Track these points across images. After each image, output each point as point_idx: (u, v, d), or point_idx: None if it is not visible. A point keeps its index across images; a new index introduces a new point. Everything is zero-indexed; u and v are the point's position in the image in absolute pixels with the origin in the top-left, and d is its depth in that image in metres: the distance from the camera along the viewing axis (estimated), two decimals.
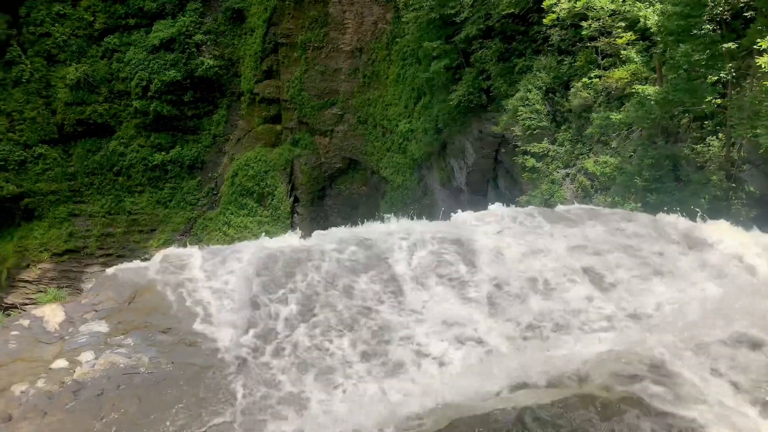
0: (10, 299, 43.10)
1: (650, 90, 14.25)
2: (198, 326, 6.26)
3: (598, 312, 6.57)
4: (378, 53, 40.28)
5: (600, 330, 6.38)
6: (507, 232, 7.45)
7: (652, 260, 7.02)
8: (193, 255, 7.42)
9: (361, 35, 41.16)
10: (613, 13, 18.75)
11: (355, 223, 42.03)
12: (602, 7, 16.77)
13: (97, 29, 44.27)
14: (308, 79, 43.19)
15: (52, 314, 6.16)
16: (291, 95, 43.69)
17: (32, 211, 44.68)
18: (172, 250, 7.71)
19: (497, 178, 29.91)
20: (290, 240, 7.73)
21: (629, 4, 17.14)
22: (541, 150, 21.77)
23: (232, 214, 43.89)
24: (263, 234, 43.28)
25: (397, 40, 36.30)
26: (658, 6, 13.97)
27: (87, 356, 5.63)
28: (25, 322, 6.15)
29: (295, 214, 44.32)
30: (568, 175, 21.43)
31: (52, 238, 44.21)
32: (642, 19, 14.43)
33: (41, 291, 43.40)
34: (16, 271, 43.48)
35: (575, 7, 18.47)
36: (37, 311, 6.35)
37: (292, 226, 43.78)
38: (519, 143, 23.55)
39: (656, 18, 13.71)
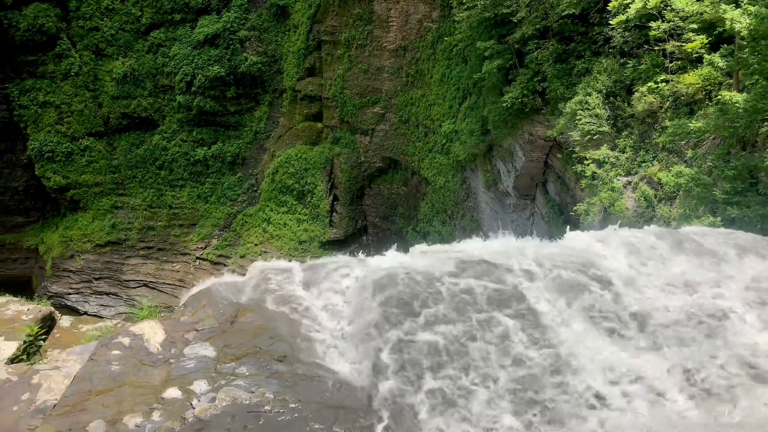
0: (55, 288, 43.99)
1: (738, 97, 13.41)
2: (316, 355, 5.69)
3: None
4: (422, 52, 39.70)
5: None
6: (636, 258, 6.76)
7: None
8: (292, 270, 6.97)
9: (406, 33, 40.64)
10: (686, 17, 17.82)
11: (393, 223, 41.18)
12: (682, 8, 15.88)
13: (144, 24, 44.79)
14: (351, 77, 42.89)
15: (151, 332, 5.79)
16: (333, 93, 43.45)
17: (77, 203, 45.51)
18: (268, 264, 7.29)
19: (546, 182, 29.08)
20: (395, 260, 7.10)
21: (707, 5, 16.21)
22: (601, 156, 20.89)
23: (271, 210, 43.93)
24: (303, 231, 43.09)
25: (445, 38, 35.60)
26: (750, 8, 13.12)
27: (201, 386, 5.20)
28: (125, 341, 5.76)
29: (334, 213, 44.13)
30: (629, 183, 20.55)
31: (96, 230, 44.95)
32: (728, 22, 13.58)
33: (84, 281, 44.19)
34: (60, 261, 44.35)
35: (647, 6, 17.57)
36: (136, 328, 5.96)
37: (330, 225, 43.64)
38: (575, 148, 22.69)
39: (747, 21, 12.87)
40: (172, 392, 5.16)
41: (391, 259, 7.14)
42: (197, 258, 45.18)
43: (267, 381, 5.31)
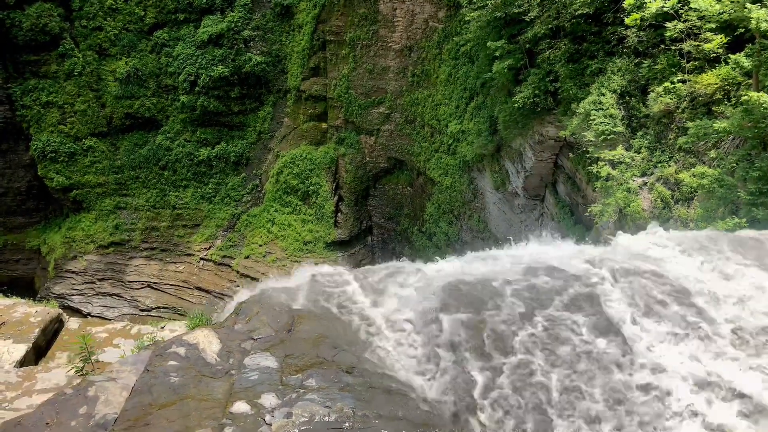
0: (57, 290, 43.68)
1: (765, 98, 13.27)
2: (385, 366, 5.44)
3: None
4: (428, 52, 39.49)
5: None
6: (694, 261, 6.56)
7: None
8: (346, 275, 6.74)
9: (411, 33, 40.44)
10: (704, 16, 17.69)
11: (398, 224, 40.75)
12: (706, 8, 15.74)
13: (147, 24, 44.50)
14: (356, 78, 42.67)
15: (206, 341, 5.55)
16: (338, 93, 43.24)
17: (80, 203, 45.21)
18: (321, 269, 7.06)
19: (556, 183, 28.94)
20: (448, 266, 6.87)
21: (728, 5, 16.06)
22: (616, 157, 20.73)
23: (276, 211, 43.70)
24: (307, 232, 42.83)
25: (454, 39, 35.40)
26: None
27: (270, 400, 4.92)
28: (181, 350, 5.50)
29: (339, 213, 43.92)
30: (645, 183, 20.40)
31: (99, 231, 44.66)
32: (754, 22, 13.45)
33: (87, 282, 43.89)
34: (63, 262, 44.05)
35: (665, 6, 17.43)
36: (189, 337, 5.71)
37: (335, 225, 43.43)
38: (589, 149, 22.54)
39: None
40: (240, 406, 4.87)
41: (447, 265, 6.88)
42: (201, 259, 44.94)
43: (341, 395, 5.01)
